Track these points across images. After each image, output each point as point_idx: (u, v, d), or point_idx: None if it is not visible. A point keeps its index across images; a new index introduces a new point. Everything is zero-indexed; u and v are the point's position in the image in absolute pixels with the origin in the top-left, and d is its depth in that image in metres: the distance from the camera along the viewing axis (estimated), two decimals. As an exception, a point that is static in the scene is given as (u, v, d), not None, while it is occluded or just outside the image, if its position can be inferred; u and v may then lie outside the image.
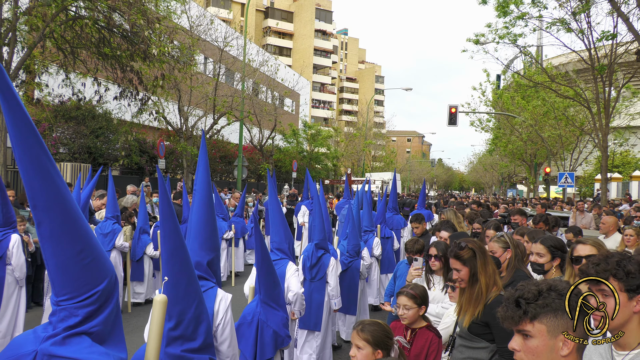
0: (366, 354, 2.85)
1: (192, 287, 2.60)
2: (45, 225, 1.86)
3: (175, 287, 2.56)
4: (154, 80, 15.10)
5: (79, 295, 1.93)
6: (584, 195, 43.83)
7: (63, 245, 1.89)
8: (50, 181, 1.83)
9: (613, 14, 15.89)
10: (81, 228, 1.92)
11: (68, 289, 1.92)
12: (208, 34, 24.35)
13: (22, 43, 12.88)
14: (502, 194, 61.09)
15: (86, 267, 1.93)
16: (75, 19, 12.72)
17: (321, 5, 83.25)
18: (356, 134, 53.93)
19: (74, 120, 18.77)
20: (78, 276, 1.92)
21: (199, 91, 23.36)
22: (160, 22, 13.60)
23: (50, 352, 1.90)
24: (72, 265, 1.90)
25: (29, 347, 1.94)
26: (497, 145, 39.72)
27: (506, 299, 1.90)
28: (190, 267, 2.62)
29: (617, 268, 2.21)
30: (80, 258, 1.91)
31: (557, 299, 1.80)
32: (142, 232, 9.65)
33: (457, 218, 7.89)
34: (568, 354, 1.76)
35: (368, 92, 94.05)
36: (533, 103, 29.01)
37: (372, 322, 2.99)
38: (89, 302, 1.94)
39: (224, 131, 27.65)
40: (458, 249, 3.44)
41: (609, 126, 19.91)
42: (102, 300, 1.98)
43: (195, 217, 3.30)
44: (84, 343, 1.92)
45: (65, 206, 1.87)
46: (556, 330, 1.77)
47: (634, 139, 52.00)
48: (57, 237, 1.88)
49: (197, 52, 21.30)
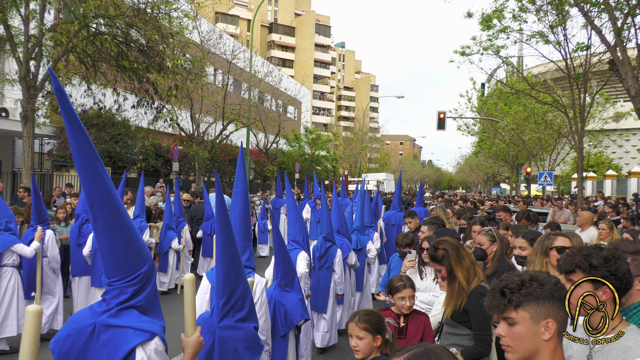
0: (367, 342, 2.82)
1: (240, 271, 2.98)
2: (100, 220, 2.13)
3: (227, 271, 2.94)
4: (168, 90, 15.09)
5: (127, 277, 2.21)
6: (562, 193, 43.84)
7: (114, 236, 2.15)
8: (103, 184, 2.11)
9: (587, 27, 15.90)
10: (127, 222, 2.19)
11: (118, 272, 2.20)
12: (217, 48, 24.36)
13: (48, 57, 12.88)
14: (487, 192, 61.07)
15: (131, 254, 2.20)
16: (96, 35, 12.72)
17: (320, 20, 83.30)
18: (353, 138, 53.95)
19: (95, 127, 18.78)
20: (126, 261, 2.19)
21: (209, 100, 23.38)
22: (174, 37, 13.59)
23: (107, 322, 2.18)
24: (120, 253, 2.17)
25: (88, 321, 2.22)
26: (482, 148, 39.71)
27: (492, 289, 1.90)
28: (238, 255, 3.01)
29: (583, 261, 2.21)
30: (127, 246, 2.18)
31: (539, 288, 1.79)
32: (167, 229, 9.77)
33: (445, 214, 7.87)
34: (549, 338, 1.76)
35: (364, 100, 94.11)
36: (515, 109, 29.02)
37: (366, 311, 2.95)
38: (134, 282, 2.22)
39: (232, 136, 27.65)
40: (432, 252, 3.43)
41: (584, 129, 19.90)
42: (144, 281, 2.26)
43: (239, 216, 3.79)
44: (133, 314, 2.22)
45: (114, 205, 2.14)
46: (538, 317, 1.77)
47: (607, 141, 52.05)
48: (109, 230, 2.14)
49: (208, 65, 21.28)
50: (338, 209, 7.30)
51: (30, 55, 11.67)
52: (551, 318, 1.77)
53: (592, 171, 41.82)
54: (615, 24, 11.05)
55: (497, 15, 15.83)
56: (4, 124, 15.77)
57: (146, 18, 12.35)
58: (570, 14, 16.22)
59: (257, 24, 74.22)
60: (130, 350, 2.16)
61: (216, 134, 25.34)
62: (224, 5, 65.34)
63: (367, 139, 58.79)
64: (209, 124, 24.77)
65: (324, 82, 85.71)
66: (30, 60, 11.77)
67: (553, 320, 1.78)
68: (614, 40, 10.96)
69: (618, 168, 48.37)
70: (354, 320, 2.88)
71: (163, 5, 12.90)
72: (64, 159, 17.94)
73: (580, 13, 11.99)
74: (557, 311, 1.79)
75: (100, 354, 2.16)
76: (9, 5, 11.24)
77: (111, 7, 11.79)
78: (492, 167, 51.05)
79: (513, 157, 36.75)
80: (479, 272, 3.43)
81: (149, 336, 2.20)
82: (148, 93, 14.86)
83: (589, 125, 27.32)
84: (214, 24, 35.55)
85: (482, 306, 3.20)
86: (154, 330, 2.23)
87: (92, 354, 2.17)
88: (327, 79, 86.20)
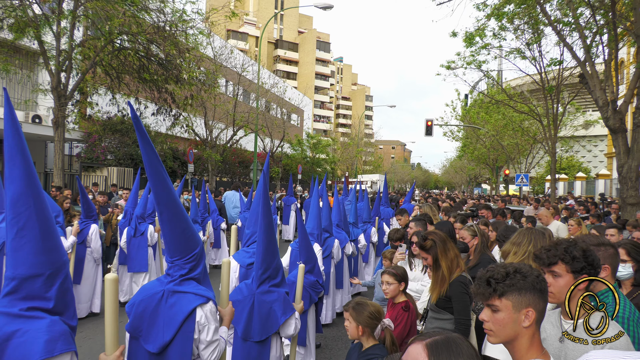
0: (353, 328, 2.93)
1: (275, 248, 3.47)
2: (165, 214, 2.44)
3: (266, 248, 3.39)
4: (184, 100, 15.11)
5: (185, 256, 2.56)
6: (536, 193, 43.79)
7: (175, 226, 2.48)
8: (167, 186, 2.41)
9: (560, 44, 15.92)
10: (184, 214, 2.52)
11: (179, 253, 2.55)
12: (228, 62, 24.36)
13: (77, 69, 12.89)
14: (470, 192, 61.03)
15: (188, 239, 2.54)
16: (120, 50, 12.73)
17: (321, 38, 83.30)
18: (350, 143, 53.95)
19: (119, 133, 18.80)
20: (184, 245, 2.54)
21: (221, 108, 23.40)
22: (190, 52, 13.60)
23: (173, 289, 2.55)
24: (180, 238, 2.52)
25: (157, 289, 2.58)
26: (465, 152, 39.71)
27: (478, 278, 1.90)
28: (275, 236, 3.49)
29: (565, 254, 2.22)
30: (185, 233, 2.52)
31: (522, 280, 1.79)
32: (193, 222, 9.63)
33: (432, 212, 7.88)
34: (529, 326, 1.77)
35: (359, 109, 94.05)
36: (494, 117, 29.02)
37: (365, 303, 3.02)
38: (191, 260, 2.57)
39: (241, 141, 27.65)
40: (422, 241, 3.44)
41: (557, 136, 19.91)
42: (197, 259, 2.61)
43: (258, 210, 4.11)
44: (193, 284, 2.58)
45: (175, 201, 2.46)
46: (520, 306, 1.77)
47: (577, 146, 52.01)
48: (172, 222, 2.47)
49: (220, 77, 21.30)
50: (338, 205, 7.34)
51: (61, 68, 11.68)
52: (531, 307, 1.78)
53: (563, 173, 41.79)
54: (584, 41, 11.05)
55: (479, 33, 15.84)
56: (38, 129, 15.79)
57: (165, 35, 12.36)
58: (544, 32, 16.25)
59: (264, 40, 74.23)
60: (192, 310, 2.51)
61: (227, 138, 25.34)
62: (235, 23, 65.30)
63: (362, 144, 58.73)
64: (220, 129, 24.77)
65: (324, 93, 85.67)
66: (61, 72, 11.79)
67: (533, 309, 1.78)
68: (584, 56, 10.97)
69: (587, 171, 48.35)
70: (348, 307, 3.00)
71: (180, 24, 12.90)
72: (90, 160, 17.94)
73: (553, 32, 11.99)
74: (537, 301, 1.80)
75: (168, 313, 2.49)
76: (42, 23, 11.26)
77: (134, 25, 11.81)
78: (474, 169, 51.02)
79: (493, 161, 36.74)
80: (461, 263, 3.44)
81: (205, 300, 2.56)
82: (166, 102, 14.87)
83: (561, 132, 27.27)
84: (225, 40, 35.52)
85: (462, 294, 3.22)
86: (209, 295, 2.60)
87: (162, 313, 2.50)
88: (327, 90, 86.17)
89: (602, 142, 52.81)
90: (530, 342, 1.78)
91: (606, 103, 9.87)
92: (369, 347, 2.91)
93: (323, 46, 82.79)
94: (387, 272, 3.70)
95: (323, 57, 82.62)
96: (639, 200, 9.77)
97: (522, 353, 1.78)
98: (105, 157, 18.21)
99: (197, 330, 2.52)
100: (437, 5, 11.77)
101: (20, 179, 1.96)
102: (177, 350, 2.48)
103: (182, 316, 2.47)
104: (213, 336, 2.59)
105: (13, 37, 11.56)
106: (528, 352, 1.77)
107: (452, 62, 18.03)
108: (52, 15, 11.45)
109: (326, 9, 21.35)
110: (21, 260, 1.94)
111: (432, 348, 1.39)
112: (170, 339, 2.47)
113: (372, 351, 2.86)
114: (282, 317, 3.41)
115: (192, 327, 2.50)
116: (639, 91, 9.78)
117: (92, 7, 11.11)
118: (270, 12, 74.28)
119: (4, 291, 1.96)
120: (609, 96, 9.96)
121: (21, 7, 10.89)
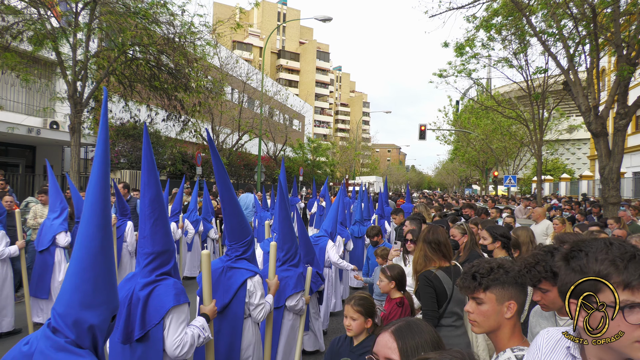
0: (359, 324, 2.76)
1: (293, 235, 4.10)
2: (227, 210, 3.14)
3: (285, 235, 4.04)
4: (193, 107, 15.12)
5: (240, 241, 3.26)
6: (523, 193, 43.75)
7: (234, 219, 3.16)
8: (231, 191, 3.12)
9: (545, 54, 15.92)
10: (240, 209, 3.19)
11: (235, 238, 3.24)
12: (234, 71, 24.41)
13: (92, 79, 12.91)
14: (461, 192, 60.98)
15: (243, 228, 3.22)
16: (132, 60, 12.75)
17: (321, 48, 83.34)
18: (348, 147, 53.95)
19: (131, 138, 18.81)
20: (239, 232, 3.21)
21: (227, 114, 23.43)
22: (197, 61, 13.61)
23: (230, 265, 3.25)
24: (237, 227, 3.20)
25: (219, 265, 3.27)
26: (456, 155, 39.66)
27: (464, 272, 1.91)
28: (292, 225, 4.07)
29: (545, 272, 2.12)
30: (241, 224, 3.20)
31: (504, 274, 1.81)
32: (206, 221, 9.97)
33: (427, 211, 7.90)
34: (511, 317, 1.78)
35: (357, 115, 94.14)
36: (484, 122, 29.00)
37: (362, 296, 2.87)
38: (244, 244, 3.26)
39: (246, 145, 27.68)
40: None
41: (543, 139, 19.91)
42: (249, 244, 3.29)
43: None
44: (245, 262, 3.26)
45: (236, 201, 3.15)
46: (503, 299, 1.79)
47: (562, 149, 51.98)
48: (233, 215, 3.15)
49: (226, 85, 21.32)
50: (343, 206, 7.43)
51: (77, 77, 11.70)
52: (513, 300, 1.79)
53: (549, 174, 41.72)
54: (568, 51, 11.06)
55: (469, 44, 15.83)
56: (55, 135, 15.81)
57: (175, 46, 12.38)
58: (530, 42, 16.24)
59: (268, 51, 74.29)
60: (244, 281, 3.19)
61: (233, 143, 25.36)
62: (240, 35, 65.35)
63: (360, 148, 58.75)
64: (227, 134, 24.80)
65: (324, 100, 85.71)
66: (77, 81, 11.81)
67: (515, 301, 1.80)
68: (568, 64, 10.98)
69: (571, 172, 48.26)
70: (350, 302, 2.81)
71: (189, 35, 12.91)
72: (105, 164, 17.92)
73: (539, 42, 12.00)
74: (518, 294, 1.81)
75: (227, 283, 3.17)
76: (60, 36, 11.29)
77: (145, 37, 11.83)
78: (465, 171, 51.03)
79: (483, 163, 36.72)
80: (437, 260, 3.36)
81: (254, 273, 3.25)
82: (176, 109, 14.88)
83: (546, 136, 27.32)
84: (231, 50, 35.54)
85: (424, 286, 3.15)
86: (257, 270, 3.29)
87: (222, 283, 3.19)
88: (326, 97, 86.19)
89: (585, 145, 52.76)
90: (512, 332, 1.80)
91: (589, 109, 9.88)
92: (364, 339, 2.76)
93: (323, 56, 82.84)
94: (381, 270, 3.75)
95: (323, 66, 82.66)
96: (619, 200, 9.78)
97: (504, 342, 1.79)
98: (119, 161, 18.22)
99: (248, 295, 3.20)
100: (429, 17, 11.78)
101: (155, 186, 2.61)
102: (233, 310, 3.17)
103: (236, 285, 3.17)
104: (259, 300, 3.24)
105: (32, 48, 11.58)
106: (510, 340, 1.79)
107: (444, 71, 18.03)
108: (68, 28, 11.48)
109: (325, 21, 21.40)
110: (157, 240, 2.58)
111: (397, 333, 1.51)
112: (228, 302, 3.16)
113: (368, 343, 2.71)
114: (292, 290, 4.00)
115: (244, 293, 3.19)
116: (619, 97, 9.79)
117: (107, 20, 11.13)
118: (273, 24, 74.35)
119: (143, 264, 2.60)
120: (591, 102, 9.97)
121: (40, 21, 10.91)
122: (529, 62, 17.24)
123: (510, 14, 13.54)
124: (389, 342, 1.50)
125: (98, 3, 11.21)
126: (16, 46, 11.54)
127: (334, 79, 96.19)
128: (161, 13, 12.17)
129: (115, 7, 11.39)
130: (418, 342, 1.48)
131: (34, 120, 15.63)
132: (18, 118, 14.93)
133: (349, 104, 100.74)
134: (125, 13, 11.49)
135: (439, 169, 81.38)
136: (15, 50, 11.46)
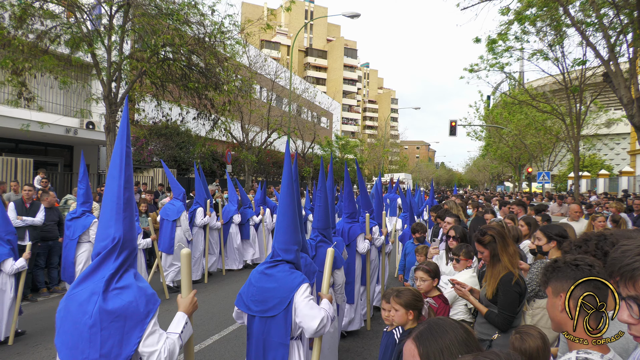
0: (401, 315, 2.76)
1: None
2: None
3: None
4: (222, 105, 15.28)
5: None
6: (559, 190, 42.37)
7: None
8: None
9: (582, 45, 15.31)
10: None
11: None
12: (263, 69, 24.58)
13: (126, 79, 13.22)
14: (492, 189, 59.60)
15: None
16: (164, 61, 12.98)
17: (348, 45, 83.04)
18: (376, 144, 53.59)
19: (163, 136, 19.21)
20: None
21: (256, 113, 23.60)
22: (227, 61, 13.74)
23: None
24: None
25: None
26: (488, 151, 38.76)
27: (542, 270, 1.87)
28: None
29: (596, 250, 2.08)
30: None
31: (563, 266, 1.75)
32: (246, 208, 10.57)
33: (457, 207, 7.71)
34: (562, 310, 1.67)
35: (385, 111, 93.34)
36: (517, 117, 28.16)
37: (405, 288, 2.86)
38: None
39: (275, 143, 27.84)
40: (480, 235, 3.26)
41: (580, 134, 19.17)
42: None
43: None
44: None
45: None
46: (556, 292, 1.70)
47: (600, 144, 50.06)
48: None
49: (255, 83, 21.48)
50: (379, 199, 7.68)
51: (111, 78, 12.01)
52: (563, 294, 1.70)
53: (586, 171, 40.24)
54: (609, 40, 10.57)
55: (502, 37, 15.39)
56: (91, 135, 16.29)
57: (205, 46, 12.52)
58: (567, 33, 15.64)
59: (295, 49, 74.53)
60: None
61: (262, 141, 25.56)
62: (268, 34, 65.79)
63: (388, 145, 58.27)
64: (256, 132, 25.01)
65: (352, 97, 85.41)
66: (112, 82, 12.11)
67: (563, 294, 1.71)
68: (608, 55, 10.50)
69: (610, 168, 46.42)
70: (393, 294, 2.81)
71: (219, 35, 13.05)
72: (138, 162, 18.39)
73: (576, 32, 11.54)
74: None
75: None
76: (95, 39, 11.60)
77: (177, 38, 12.01)
78: (497, 167, 49.84)
79: (516, 159, 35.74)
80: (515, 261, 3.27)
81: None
82: (206, 107, 15.07)
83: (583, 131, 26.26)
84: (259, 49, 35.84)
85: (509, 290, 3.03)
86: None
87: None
88: (354, 94, 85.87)
89: (624, 140, 50.62)
90: None
91: (631, 101, 9.42)
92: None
93: (350, 53, 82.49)
94: (420, 269, 3.58)
95: (350, 63, 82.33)
96: (665, 197, 9.28)
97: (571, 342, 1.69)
98: (152, 159, 18.64)
99: None
100: (461, 10, 11.50)
101: None
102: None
103: None
104: None
105: (69, 51, 11.94)
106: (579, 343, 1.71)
107: (476, 65, 17.60)
108: (103, 31, 11.78)
109: (353, 18, 21.21)
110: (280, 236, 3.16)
111: (419, 339, 1.44)
112: None
113: None
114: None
115: None
116: (664, 89, 9.29)
117: (139, 22, 11.36)
118: (300, 22, 74.52)
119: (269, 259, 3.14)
120: (634, 94, 9.50)
121: (76, 25, 11.24)
122: (565, 53, 16.61)
123: (545, 4, 13.04)
124: (411, 349, 1.44)
125: (131, 6, 11.45)
126: (54, 49, 11.92)
127: (362, 75, 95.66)
128: (192, 14, 12.33)
129: (148, 9, 11.61)
130: (442, 345, 1.40)
131: (71, 120, 16.15)
132: (56, 119, 15.47)
133: (377, 100, 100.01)
134: (157, 15, 11.70)
135: (469, 165, 79.82)
136: (53, 53, 11.85)
